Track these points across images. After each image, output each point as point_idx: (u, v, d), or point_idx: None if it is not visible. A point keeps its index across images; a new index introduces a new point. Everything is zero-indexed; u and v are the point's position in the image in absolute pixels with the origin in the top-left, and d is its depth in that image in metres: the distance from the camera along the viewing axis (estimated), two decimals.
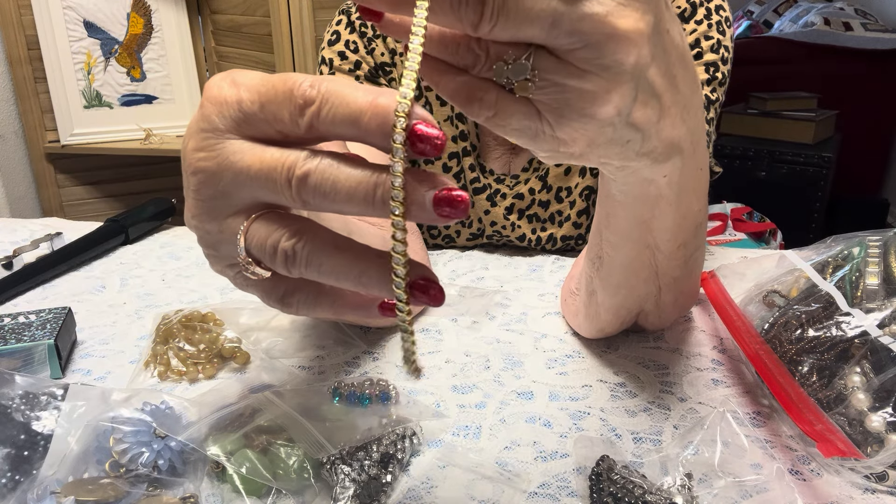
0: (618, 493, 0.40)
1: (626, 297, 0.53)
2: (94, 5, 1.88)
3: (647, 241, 0.47)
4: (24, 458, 0.41)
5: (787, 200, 2.47)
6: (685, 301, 0.58)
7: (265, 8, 1.72)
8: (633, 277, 0.51)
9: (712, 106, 0.69)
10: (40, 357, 0.54)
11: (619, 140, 0.34)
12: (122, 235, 0.84)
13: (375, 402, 0.47)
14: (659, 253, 0.48)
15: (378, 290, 0.29)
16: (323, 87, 0.28)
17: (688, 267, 0.52)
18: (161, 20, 1.96)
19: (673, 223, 0.46)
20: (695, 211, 0.47)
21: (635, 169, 0.38)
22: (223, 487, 0.42)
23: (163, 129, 1.99)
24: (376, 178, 0.28)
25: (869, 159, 2.89)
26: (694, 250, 0.51)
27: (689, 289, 0.56)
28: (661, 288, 0.53)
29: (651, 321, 0.58)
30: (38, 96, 1.91)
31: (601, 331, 0.58)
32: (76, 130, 1.93)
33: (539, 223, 0.78)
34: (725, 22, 0.70)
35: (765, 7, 3.60)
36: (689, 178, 0.42)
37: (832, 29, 3.06)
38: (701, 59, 0.68)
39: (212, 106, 0.29)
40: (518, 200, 0.77)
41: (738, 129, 2.65)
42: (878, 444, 0.42)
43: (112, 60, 1.94)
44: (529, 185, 0.77)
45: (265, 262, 0.31)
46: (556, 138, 0.32)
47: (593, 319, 0.57)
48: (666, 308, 0.56)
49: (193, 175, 0.30)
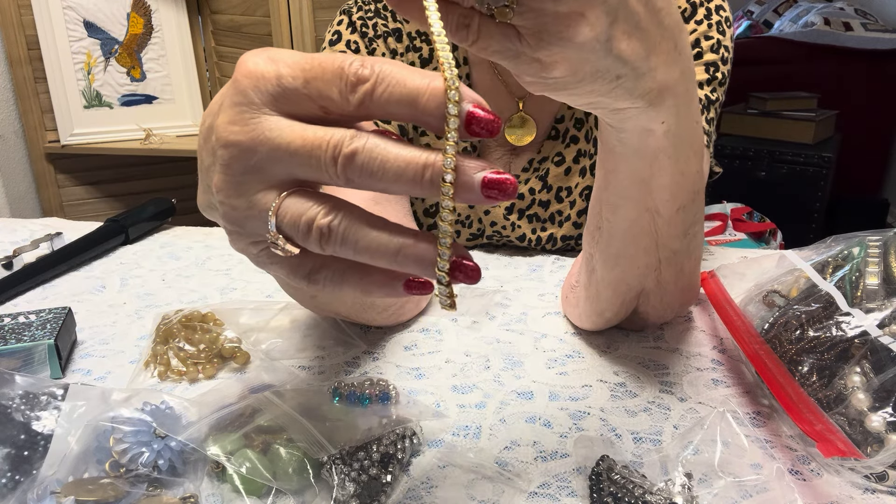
0: (618, 493, 0.40)
1: (625, 270, 0.53)
2: (94, 5, 1.88)
3: (647, 203, 0.48)
4: (24, 457, 0.41)
5: (787, 200, 2.47)
6: (686, 285, 0.57)
7: (265, 8, 1.72)
8: (632, 245, 0.51)
9: (713, 106, 0.69)
10: (40, 357, 0.54)
11: (606, 73, 0.35)
12: (122, 235, 0.84)
13: (375, 402, 0.47)
14: (658, 217, 0.48)
15: (416, 267, 0.30)
16: (377, 68, 0.29)
17: (687, 239, 0.52)
18: (161, 20, 1.96)
19: (671, 181, 0.46)
20: (693, 171, 0.47)
21: (631, 115, 0.40)
22: (223, 487, 0.42)
23: (163, 129, 1.99)
24: (426, 159, 0.28)
25: (869, 159, 2.89)
26: (693, 220, 0.51)
27: (689, 269, 0.55)
28: (661, 261, 0.52)
29: (653, 304, 0.57)
30: (38, 96, 1.91)
31: (601, 314, 0.58)
32: (76, 130, 1.93)
33: (539, 223, 0.78)
34: (725, 22, 0.70)
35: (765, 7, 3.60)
36: (685, 129, 0.43)
37: (832, 29, 3.06)
38: (701, 59, 0.69)
39: (247, 80, 0.30)
40: (518, 200, 0.78)
41: (738, 129, 2.65)
42: (878, 444, 0.42)
43: (112, 60, 1.94)
44: (529, 185, 0.77)
45: (297, 238, 0.31)
46: (538, 60, 0.34)
47: (594, 301, 0.57)
48: (667, 288, 0.55)
49: (225, 148, 0.30)
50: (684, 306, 0.62)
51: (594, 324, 0.60)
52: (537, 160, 0.77)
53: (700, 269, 0.60)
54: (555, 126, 0.75)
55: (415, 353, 0.59)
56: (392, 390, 0.49)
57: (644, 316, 0.59)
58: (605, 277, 0.54)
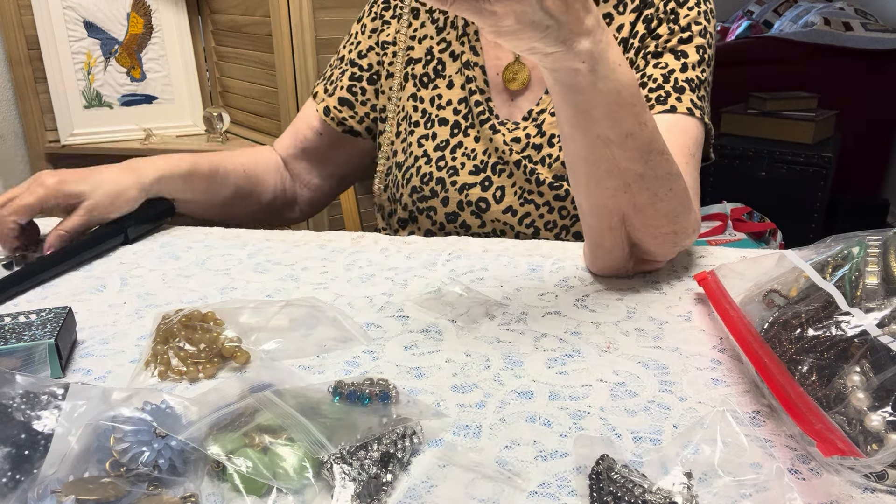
0: (618, 493, 0.40)
1: (596, 194, 0.64)
2: (94, 5, 1.88)
3: (595, 131, 0.60)
4: (24, 457, 0.41)
5: (787, 200, 2.47)
6: (668, 210, 0.65)
7: (265, 8, 1.72)
8: (593, 168, 0.62)
9: (703, 84, 0.81)
10: (41, 357, 0.54)
11: (539, 24, 0.51)
12: (121, 236, 0.84)
13: (375, 402, 0.48)
14: (611, 143, 0.60)
15: None
16: None
17: (651, 165, 0.62)
18: (161, 20, 1.96)
19: (608, 110, 0.58)
20: (628, 103, 0.59)
21: (559, 57, 0.55)
22: (223, 487, 0.42)
23: (163, 129, 1.99)
24: None
25: (869, 159, 2.89)
26: (649, 147, 0.61)
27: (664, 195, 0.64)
28: (629, 184, 0.62)
29: (639, 228, 0.66)
30: (38, 96, 1.91)
31: (601, 246, 0.68)
32: (76, 130, 1.93)
33: (531, 164, 0.87)
34: (710, 13, 0.84)
35: (765, 7, 3.60)
36: (607, 68, 0.57)
37: (832, 29, 3.07)
38: (692, 41, 0.81)
39: None
40: (515, 143, 0.88)
41: (738, 129, 2.65)
42: (878, 444, 0.42)
43: (112, 60, 1.94)
44: (526, 130, 0.88)
45: None
46: (494, 13, 0.49)
47: (588, 235, 0.69)
48: (647, 211, 0.64)
49: None
50: (678, 237, 0.68)
51: (604, 262, 0.70)
52: (536, 111, 0.88)
53: (689, 203, 0.68)
54: None
55: (415, 353, 0.59)
56: (392, 390, 0.49)
57: (641, 246, 0.68)
58: (582, 205, 0.67)
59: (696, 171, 0.78)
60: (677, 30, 0.81)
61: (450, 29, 0.93)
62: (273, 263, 0.78)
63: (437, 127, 0.92)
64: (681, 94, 0.78)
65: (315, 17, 1.70)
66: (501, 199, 0.88)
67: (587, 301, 0.68)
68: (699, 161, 0.80)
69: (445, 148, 0.90)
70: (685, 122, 0.78)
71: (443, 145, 0.91)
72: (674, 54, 0.81)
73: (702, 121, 0.80)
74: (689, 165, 0.75)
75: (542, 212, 0.87)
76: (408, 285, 0.72)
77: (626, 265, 0.70)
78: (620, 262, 0.70)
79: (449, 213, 0.90)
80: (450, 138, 0.91)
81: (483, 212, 0.89)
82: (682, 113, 0.78)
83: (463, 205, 0.89)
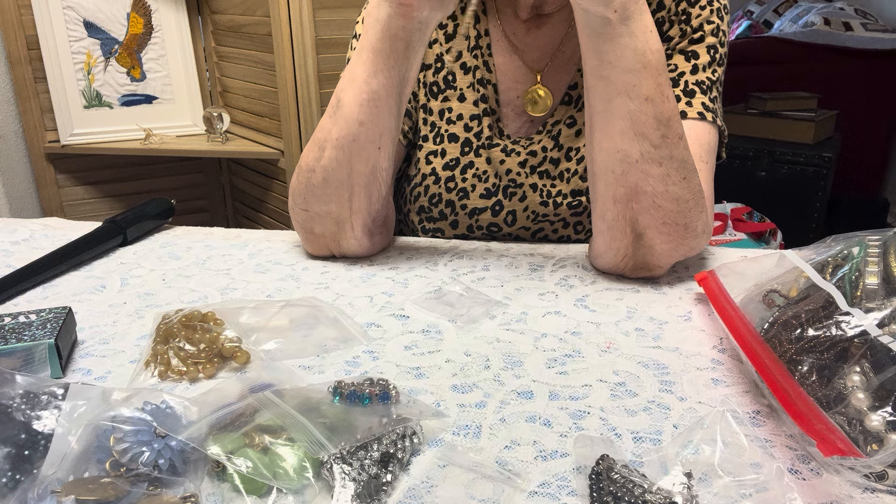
0: (618, 493, 0.40)
1: (608, 153, 0.67)
2: (94, 5, 1.88)
3: (617, 86, 0.63)
4: (24, 457, 0.41)
5: (787, 200, 2.47)
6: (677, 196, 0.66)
7: (265, 8, 1.72)
8: (608, 126, 0.65)
9: (714, 85, 0.79)
10: (41, 356, 0.54)
11: None
12: (120, 236, 0.84)
13: (375, 402, 0.47)
14: (630, 101, 0.63)
15: None
16: None
17: (665, 140, 0.64)
18: (161, 20, 1.96)
19: (631, 65, 0.63)
20: (653, 65, 0.63)
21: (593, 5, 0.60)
22: (223, 487, 0.42)
23: (163, 129, 1.99)
24: None
25: (869, 159, 2.89)
26: (665, 121, 0.64)
27: (677, 179, 0.66)
28: (642, 154, 0.65)
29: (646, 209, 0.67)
30: (38, 96, 1.91)
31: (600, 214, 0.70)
32: (76, 130, 1.93)
33: (549, 179, 0.85)
34: (724, 9, 0.81)
35: (765, 7, 3.60)
36: (638, 27, 0.62)
37: (832, 29, 3.07)
38: (703, 42, 0.79)
39: None
40: (531, 157, 0.85)
41: (738, 129, 2.65)
42: (878, 444, 0.42)
43: (112, 60, 1.94)
44: (542, 143, 0.85)
45: None
46: None
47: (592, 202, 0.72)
48: (657, 189, 0.66)
49: None
50: (687, 232, 0.68)
51: (603, 241, 0.71)
52: (551, 123, 0.85)
53: (702, 201, 0.69)
54: (568, 93, 0.84)
55: (415, 353, 0.59)
56: (392, 390, 0.49)
57: (647, 236, 0.68)
58: (593, 166, 0.69)
59: (710, 176, 0.76)
60: (689, 31, 0.79)
61: (460, 38, 0.88)
62: (273, 263, 0.78)
63: (447, 143, 0.87)
64: (691, 97, 0.77)
65: (315, 17, 1.70)
66: (513, 223, 0.85)
67: (587, 301, 0.68)
68: (713, 168, 0.78)
69: (455, 167, 0.86)
70: (697, 127, 0.76)
71: (452, 164, 0.86)
72: (684, 56, 0.79)
73: (714, 123, 0.78)
74: (703, 172, 0.74)
75: (556, 227, 0.85)
76: (408, 285, 0.72)
77: (626, 254, 0.70)
78: (620, 249, 0.70)
79: (458, 235, 0.87)
80: (460, 157, 0.86)
81: (494, 235, 0.86)
82: (693, 118, 0.76)
83: (473, 228, 0.87)
